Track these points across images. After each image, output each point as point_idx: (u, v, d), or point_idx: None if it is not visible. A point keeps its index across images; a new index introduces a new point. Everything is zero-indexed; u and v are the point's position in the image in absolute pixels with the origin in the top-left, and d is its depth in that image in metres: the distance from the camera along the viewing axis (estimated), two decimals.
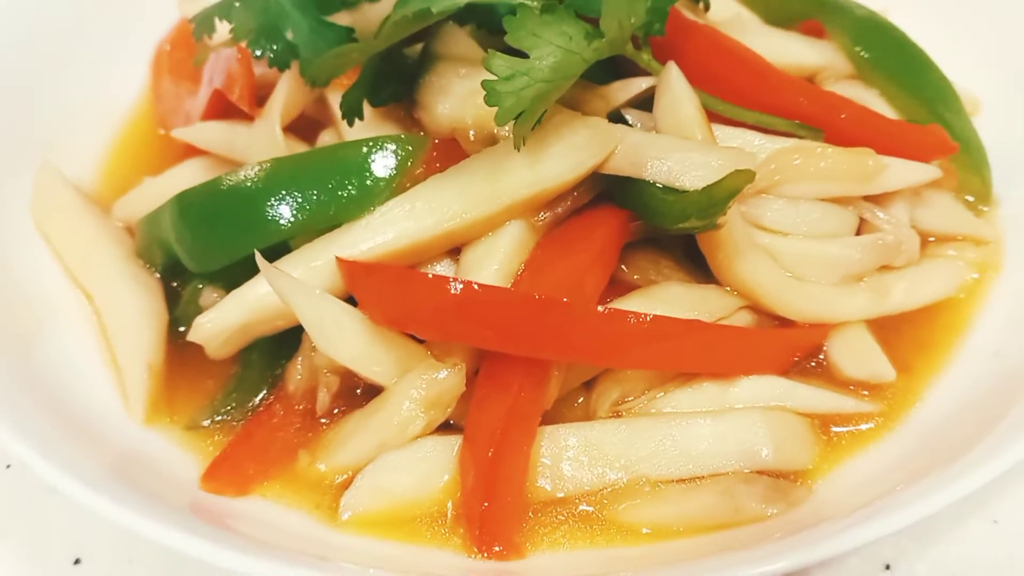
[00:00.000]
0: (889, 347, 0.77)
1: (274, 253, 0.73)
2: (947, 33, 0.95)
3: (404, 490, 0.68)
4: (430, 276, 0.67)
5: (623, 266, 0.76)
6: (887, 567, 0.68)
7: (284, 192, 0.74)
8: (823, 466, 0.70)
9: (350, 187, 0.73)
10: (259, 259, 0.69)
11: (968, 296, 0.81)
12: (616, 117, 0.76)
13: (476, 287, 0.65)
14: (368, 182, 0.73)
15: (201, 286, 0.78)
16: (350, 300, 0.70)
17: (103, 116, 0.97)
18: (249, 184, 0.74)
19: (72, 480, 0.61)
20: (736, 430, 0.68)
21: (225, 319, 0.73)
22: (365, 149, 0.73)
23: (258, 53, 0.77)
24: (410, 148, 0.74)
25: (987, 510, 0.74)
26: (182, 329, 0.78)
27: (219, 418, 0.74)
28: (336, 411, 0.74)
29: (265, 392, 0.75)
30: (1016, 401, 0.68)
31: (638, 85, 0.76)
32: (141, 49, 1.00)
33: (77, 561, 0.70)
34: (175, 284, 0.82)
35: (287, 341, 0.75)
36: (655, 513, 0.66)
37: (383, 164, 0.73)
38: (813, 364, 0.76)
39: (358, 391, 0.73)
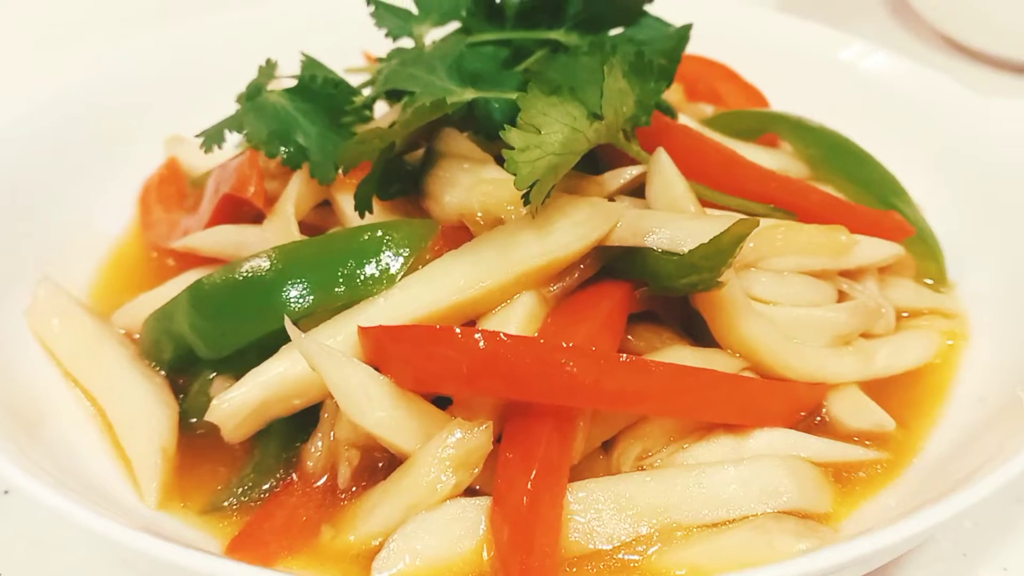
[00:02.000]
0: (882, 406, 0.82)
1: (285, 338, 0.75)
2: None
3: (437, 551, 0.67)
4: (457, 331, 0.69)
5: (630, 336, 0.80)
6: None
7: (301, 273, 0.76)
8: (841, 511, 0.72)
9: (367, 266, 0.76)
10: (288, 325, 0.70)
11: (945, 361, 0.86)
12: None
13: (504, 337, 0.67)
14: (385, 262, 0.76)
15: (212, 376, 0.78)
16: None
17: (94, 241, 0.98)
18: (266, 268, 0.77)
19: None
20: (759, 475, 0.70)
21: (243, 398, 0.73)
22: (381, 232, 0.77)
23: (271, 154, 0.81)
24: (422, 231, 0.78)
25: (998, 558, 0.77)
26: (193, 421, 0.77)
27: (235, 501, 0.73)
28: (354, 488, 0.73)
29: (281, 473, 0.74)
30: (1006, 434, 0.72)
31: (629, 173, 0.83)
32: (129, 183, 1.04)
33: None
34: (181, 381, 0.81)
35: (302, 425, 0.76)
36: (689, 554, 0.67)
37: (398, 245, 0.77)
38: (817, 421, 0.79)
39: (379, 465, 0.73)
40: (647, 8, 0.97)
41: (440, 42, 0.87)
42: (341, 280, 0.76)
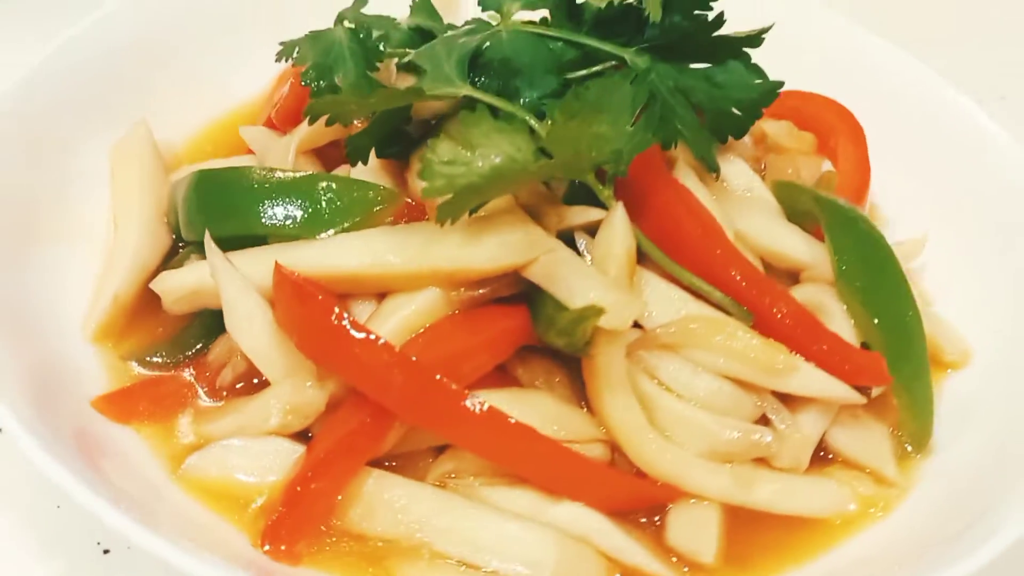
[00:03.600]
0: (739, 538, 0.78)
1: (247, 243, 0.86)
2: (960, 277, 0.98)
3: (237, 471, 0.77)
4: (319, 298, 0.76)
5: (520, 363, 0.82)
6: None
7: (272, 198, 0.86)
8: None
9: (318, 211, 0.84)
10: (207, 241, 0.81)
11: (843, 525, 0.80)
12: (567, 235, 0.83)
13: (349, 327, 0.73)
14: (333, 213, 0.84)
15: (192, 254, 0.91)
16: None
17: (219, 101, 1.14)
18: (250, 182, 0.87)
19: None
20: (526, 540, 0.73)
21: (181, 279, 0.86)
22: (336, 186, 0.85)
23: (307, 83, 0.90)
24: (380, 197, 0.84)
25: None
26: None
27: (148, 360, 0.87)
28: (236, 387, 0.84)
29: (194, 352, 0.87)
30: None
31: (591, 215, 0.83)
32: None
33: None
34: (181, 246, 0.96)
35: None
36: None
37: (350, 202, 0.84)
38: (656, 519, 0.79)
39: (255, 380, 0.83)
40: (750, 51, 0.93)
41: (468, 31, 0.89)
42: (293, 216, 0.84)
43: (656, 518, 0.79)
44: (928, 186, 1.09)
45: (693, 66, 0.93)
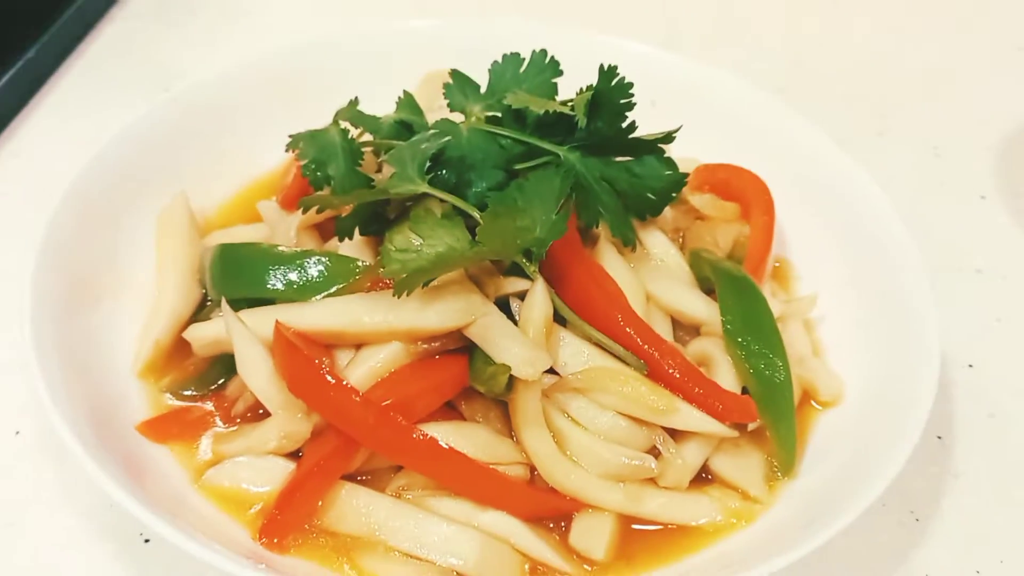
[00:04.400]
0: (630, 541, 1.00)
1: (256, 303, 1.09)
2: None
3: (243, 482, 1.01)
4: (305, 353, 0.99)
5: (463, 402, 1.05)
6: None
7: (276, 268, 1.09)
8: None
9: (313, 280, 1.08)
10: (224, 304, 1.05)
11: (713, 532, 1.01)
12: (503, 299, 1.06)
13: (326, 374, 0.96)
14: (323, 280, 1.07)
15: (216, 308, 1.15)
16: None
17: (242, 174, 1.38)
18: (260, 255, 1.11)
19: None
20: (458, 539, 0.95)
21: (207, 331, 1.09)
22: (331, 260, 1.08)
23: (306, 175, 1.13)
24: (359, 269, 1.07)
25: None
26: None
27: (183, 392, 1.11)
28: (247, 415, 1.08)
29: (214, 389, 1.11)
30: None
31: (520, 284, 1.05)
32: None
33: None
34: (208, 301, 1.20)
35: None
36: (376, 565, 0.95)
37: (336, 272, 1.07)
38: (563, 526, 1.01)
39: (261, 411, 1.07)
40: (666, 147, 1.15)
41: (433, 135, 1.10)
42: (291, 282, 1.08)
43: (563, 524, 1.01)
44: (832, 245, 1.29)
45: (618, 159, 1.15)
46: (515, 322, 1.03)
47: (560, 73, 1.17)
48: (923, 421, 1.01)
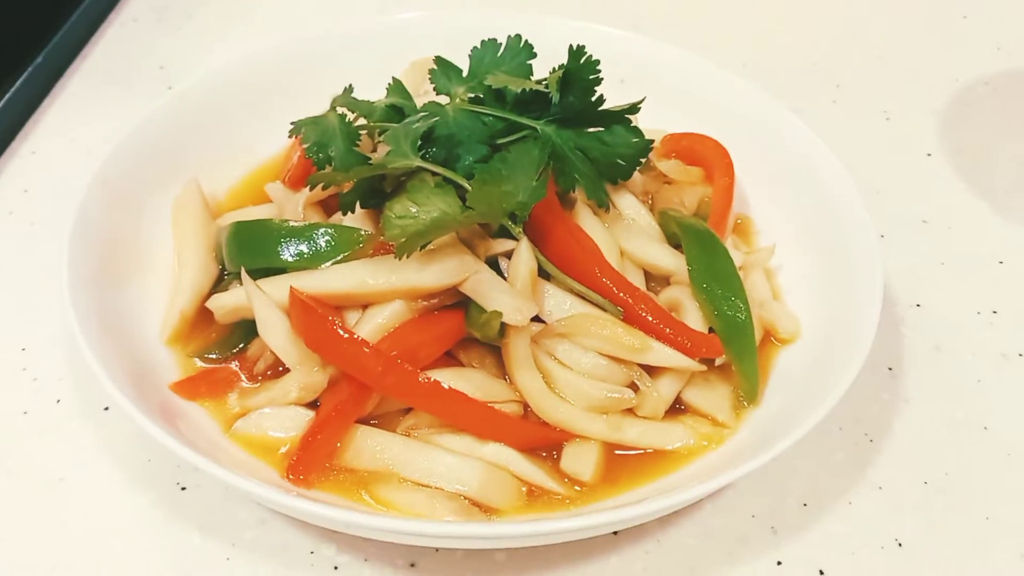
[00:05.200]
0: (613, 466, 1.13)
1: (270, 272, 1.22)
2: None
3: (269, 430, 1.13)
4: (319, 311, 1.11)
5: (461, 350, 1.17)
6: None
7: (287, 240, 1.21)
8: (513, 512, 1.08)
9: (322, 249, 1.20)
10: (243, 274, 1.17)
11: (688, 454, 1.14)
12: (493, 259, 1.18)
13: (339, 328, 1.09)
14: (330, 250, 1.20)
15: (234, 280, 1.27)
16: None
17: (249, 160, 1.50)
18: (272, 229, 1.23)
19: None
20: (462, 467, 1.07)
21: (227, 300, 1.21)
22: (332, 230, 1.20)
23: (309, 156, 1.26)
24: (362, 238, 1.19)
25: None
26: None
27: (208, 355, 1.23)
28: (267, 373, 1.20)
29: (237, 351, 1.23)
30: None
31: (507, 245, 1.17)
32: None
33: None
34: (226, 275, 1.32)
35: None
36: (389, 493, 1.07)
37: (342, 242, 1.19)
38: (555, 455, 1.14)
39: (280, 368, 1.19)
40: (633, 117, 1.28)
41: (423, 116, 1.23)
42: (301, 252, 1.20)
43: (555, 453, 1.14)
44: (788, 200, 1.42)
45: (590, 130, 1.28)
46: (504, 278, 1.16)
47: (534, 55, 1.30)
48: (867, 349, 1.13)
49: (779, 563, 1.12)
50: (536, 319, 1.15)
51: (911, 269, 1.48)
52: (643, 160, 1.28)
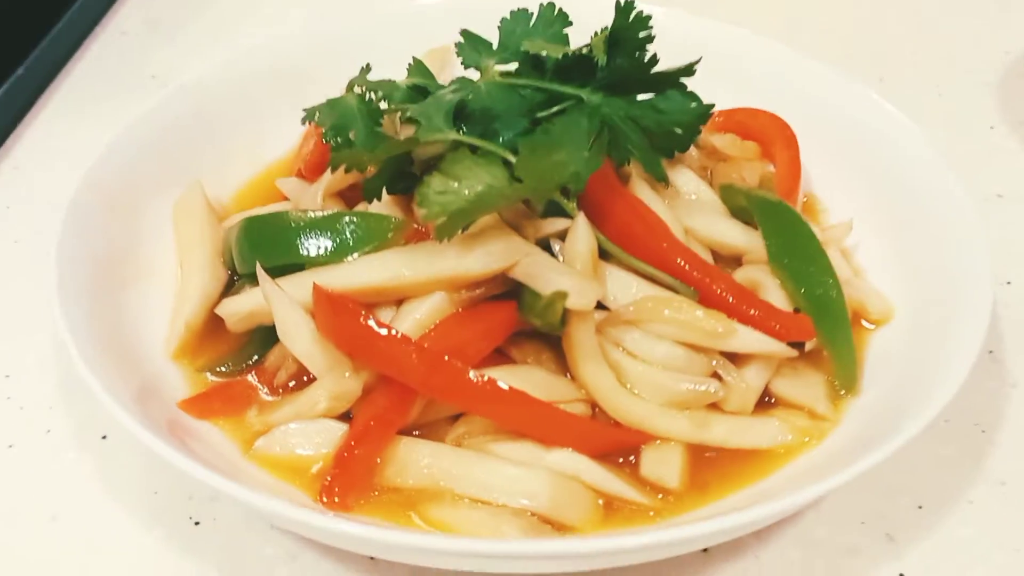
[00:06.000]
0: (701, 470, 0.97)
1: (288, 271, 1.06)
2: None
3: (297, 448, 0.97)
4: (350, 306, 0.96)
5: (513, 346, 1.02)
6: None
7: (307, 233, 1.06)
8: (589, 527, 0.92)
9: (347, 241, 1.05)
10: (259, 271, 1.02)
11: (786, 453, 0.98)
12: (544, 242, 1.03)
13: (374, 325, 0.93)
14: (356, 240, 1.05)
15: (246, 284, 1.12)
16: None
17: (254, 162, 1.36)
18: (289, 222, 1.08)
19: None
20: (526, 478, 0.91)
21: (241, 305, 1.06)
22: (359, 219, 1.05)
23: (327, 141, 1.11)
24: (392, 225, 1.05)
25: None
26: None
27: (219, 370, 1.08)
28: (289, 385, 1.04)
29: (252, 363, 1.08)
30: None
31: (560, 224, 1.02)
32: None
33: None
34: (237, 278, 1.16)
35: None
36: (443, 513, 0.91)
37: (369, 231, 1.05)
38: (631, 459, 0.98)
39: (305, 378, 1.04)
40: (686, 81, 1.14)
41: (453, 90, 1.09)
42: (324, 246, 1.05)
43: (631, 458, 0.97)
44: (857, 176, 1.28)
45: (641, 97, 1.14)
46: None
47: (569, 23, 1.16)
48: (983, 332, 0.99)
49: None
50: (599, 306, 0.99)
51: (995, 245, 1.33)
52: (701, 129, 1.13)
